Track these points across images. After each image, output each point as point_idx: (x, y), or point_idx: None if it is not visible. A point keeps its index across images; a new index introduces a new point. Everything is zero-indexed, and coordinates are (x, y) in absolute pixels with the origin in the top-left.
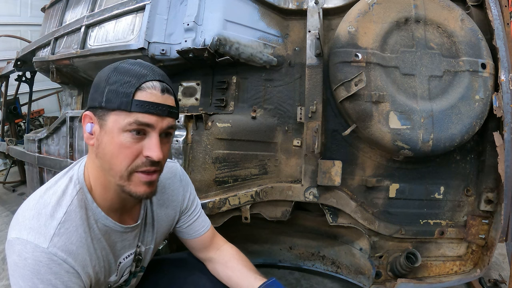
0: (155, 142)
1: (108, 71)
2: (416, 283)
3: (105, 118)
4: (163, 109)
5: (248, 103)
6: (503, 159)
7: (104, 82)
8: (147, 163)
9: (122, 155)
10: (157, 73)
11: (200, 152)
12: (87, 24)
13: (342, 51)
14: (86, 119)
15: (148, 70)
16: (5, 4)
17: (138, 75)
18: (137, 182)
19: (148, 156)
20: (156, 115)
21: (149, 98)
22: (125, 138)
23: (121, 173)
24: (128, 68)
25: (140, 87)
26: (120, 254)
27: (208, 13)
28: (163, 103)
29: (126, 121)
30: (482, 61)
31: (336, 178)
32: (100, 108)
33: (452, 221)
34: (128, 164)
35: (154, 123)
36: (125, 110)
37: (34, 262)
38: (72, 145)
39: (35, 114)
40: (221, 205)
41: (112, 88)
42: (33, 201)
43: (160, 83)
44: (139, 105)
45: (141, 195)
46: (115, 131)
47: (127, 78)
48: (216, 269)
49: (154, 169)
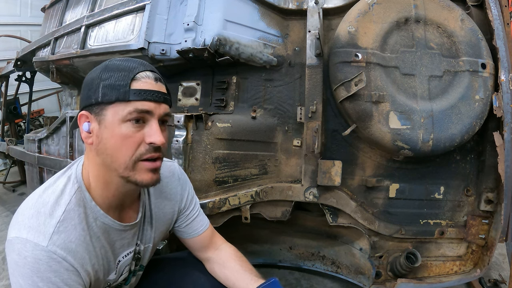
0: (156, 128)
1: (99, 70)
2: (416, 283)
3: (103, 113)
4: (159, 96)
5: (248, 103)
6: (503, 159)
7: (97, 79)
8: (150, 150)
9: (125, 146)
10: (147, 65)
11: (200, 152)
12: (87, 24)
13: (342, 51)
14: (82, 118)
15: (137, 63)
16: (5, 4)
17: (130, 68)
18: (143, 170)
19: (151, 142)
20: (153, 101)
21: (145, 87)
22: (126, 128)
23: (125, 164)
24: (118, 63)
25: (135, 78)
26: (119, 252)
27: (208, 13)
28: (158, 90)
29: (126, 110)
30: (482, 61)
31: (336, 178)
32: (97, 104)
33: (452, 221)
34: (132, 153)
35: (152, 109)
36: (123, 100)
37: (33, 261)
38: (72, 145)
39: (35, 114)
40: (221, 205)
41: (107, 83)
42: (32, 201)
43: (152, 73)
44: (136, 94)
45: (147, 182)
46: (116, 123)
47: (120, 72)
48: (214, 269)
49: (158, 155)
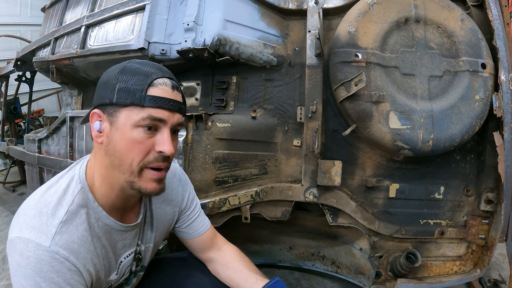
0: (167, 137)
1: (117, 70)
2: (416, 283)
3: (116, 114)
4: (174, 105)
5: (248, 103)
6: (503, 159)
7: (113, 79)
8: (159, 159)
9: (134, 151)
10: (166, 71)
11: (200, 152)
12: (87, 24)
13: (342, 51)
14: (95, 116)
15: (156, 68)
16: (5, 4)
17: (148, 73)
18: (147, 178)
19: (161, 151)
20: (168, 110)
21: (161, 94)
22: (138, 133)
23: (132, 169)
24: (137, 66)
25: (152, 83)
26: (121, 253)
27: (208, 13)
28: (174, 99)
29: (140, 116)
30: (482, 61)
31: (336, 178)
32: (111, 105)
33: (452, 221)
34: (140, 160)
35: (166, 118)
36: (138, 105)
37: (36, 261)
38: (72, 145)
39: (35, 114)
40: (221, 205)
41: (124, 85)
42: (34, 200)
43: (170, 80)
44: (152, 100)
45: (151, 191)
46: (128, 127)
47: (138, 75)
48: (217, 270)
49: (165, 165)
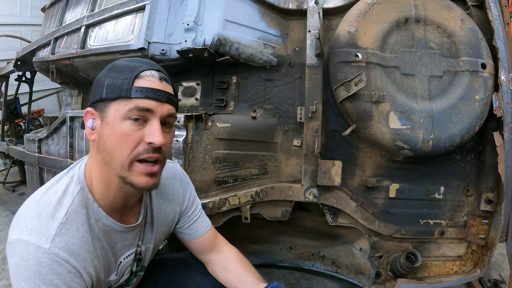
0: (156, 127)
1: (107, 68)
2: (416, 283)
3: (106, 109)
4: (162, 95)
5: (248, 103)
6: (503, 159)
7: (103, 77)
8: (149, 150)
9: (123, 144)
10: (154, 64)
11: (200, 152)
12: (87, 24)
13: (342, 51)
14: (88, 115)
15: (143, 63)
16: (5, 4)
17: (135, 67)
18: (138, 172)
19: (150, 142)
20: (155, 100)
21: (147, 85)
22: (126, 125)
23: (122, 163)
24: (125, 63)
25: (139, 75)
26: (120, 254)
27: (208, 13)
28: (162, 89)
29: (127, 107)
30: (482, 61)
31: (336, 178)
32: (101, 100)
33: (452, 221)
34: (130, 152)
35: (154, 108)
36: (125, 97)
37: (36, 263)
38: (72, 145)
39: (35, 114)
40: (221, 205)
41: (111, 81)
42: (34, 202)
43: (158, 72)
44: (138, 91)
45: (142, 186)
46: (117, 120)
47: (125, 70)
48: (216, 272)
49: (157, 156)
